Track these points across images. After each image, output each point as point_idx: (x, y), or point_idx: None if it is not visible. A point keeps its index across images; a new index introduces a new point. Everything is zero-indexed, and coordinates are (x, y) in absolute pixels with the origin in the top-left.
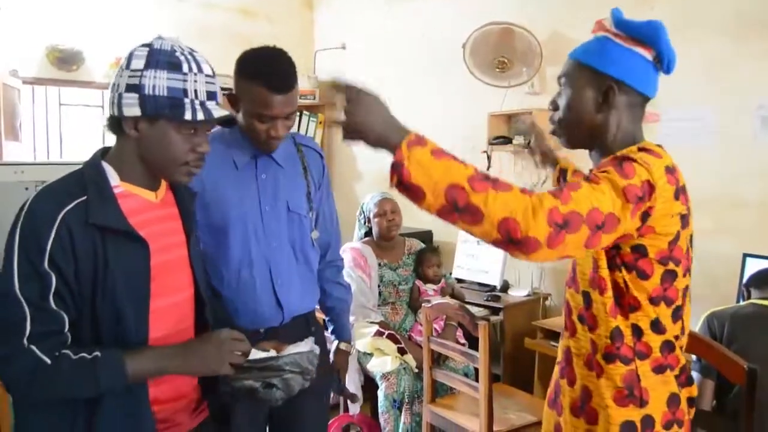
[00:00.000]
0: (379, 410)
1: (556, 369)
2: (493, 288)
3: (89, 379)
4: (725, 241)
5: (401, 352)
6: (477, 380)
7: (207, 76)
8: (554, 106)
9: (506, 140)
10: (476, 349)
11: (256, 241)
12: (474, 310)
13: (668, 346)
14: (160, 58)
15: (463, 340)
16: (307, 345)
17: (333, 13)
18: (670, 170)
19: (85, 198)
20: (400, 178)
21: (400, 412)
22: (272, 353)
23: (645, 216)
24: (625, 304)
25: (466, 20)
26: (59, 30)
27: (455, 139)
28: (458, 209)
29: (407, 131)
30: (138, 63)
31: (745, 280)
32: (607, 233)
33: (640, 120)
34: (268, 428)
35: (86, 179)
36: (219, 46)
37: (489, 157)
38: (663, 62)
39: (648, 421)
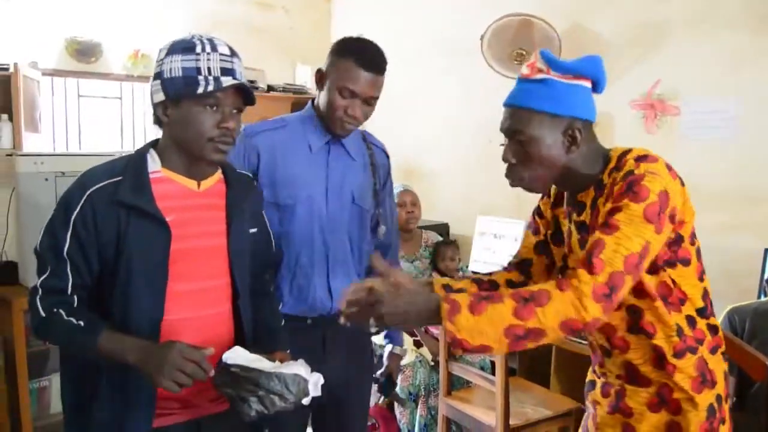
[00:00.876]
0: (395, 403)
1: (618, 382)
2: None
3: (70, 340)
4: (746, 235)
5: (417, 345)
6: (493, 374)
7: (222, 54)
8: (508, 161)
9: None
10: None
11: (318, 226)
12: None
13: (712, 329)
14: (177, 45)
15: None
16: (297, 368)
17: (350, 4)
18: (668, 166)
19: (120, 179)
20: (463, 347)
21: (416, 404)
22: (262, 365)
23: (672, 218)
24: (674, 300)
25: (485, 12)
26: (78, 22)
27: (472, 132)
28: (522, 338)
29: (437, 300)
30: (162, 54)
31: (767, 275)
32: (647, 258)
33: (595, 138)
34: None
35: (129, 163)
36: (236, 37)
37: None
38: (599, 88)
39: (719, 399)
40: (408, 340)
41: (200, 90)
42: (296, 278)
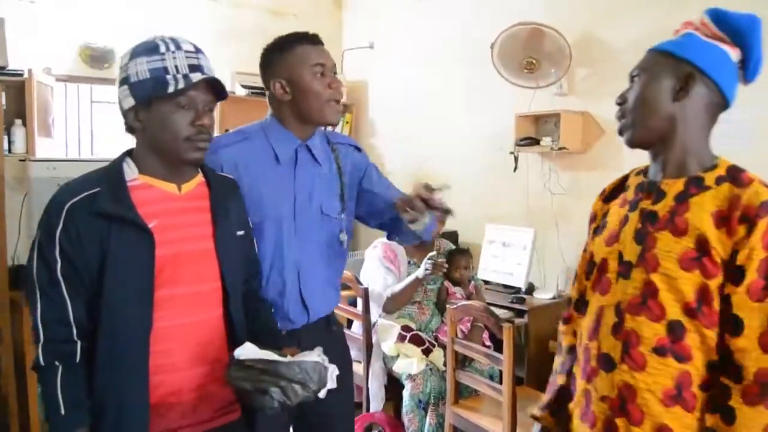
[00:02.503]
0: (404, 410)
1: (601, 407)
2: (518, 290)
3: (48, 411)
4: None
5: (426, 352)
6: (501, 383)
7: (188, 51)
8: (622, 99)
9: (534, 141)
10: (501, 351)
11: (287, 243)
12: (499, 312)
13: None
14: (140, 48)
15: (488, 342)
16: (315, 356)
17: (362, 12)
18: None
19: (97, 190)
20: None
21: (426, 412)
22: (273, 356)
23: None
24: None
25: (495, 20)
26: (92, 29)
27: (482, 140)
28: None
29: None
30: (124, 59)
31: None
32: None
33: (712, 128)
34: (292, 428)
35: (105, 174)
36: (248, 45)
37: (516, 159)
38: (749, 63)
39: None
40: (416, 351)
41: (171, 89)
42: (268, 296)
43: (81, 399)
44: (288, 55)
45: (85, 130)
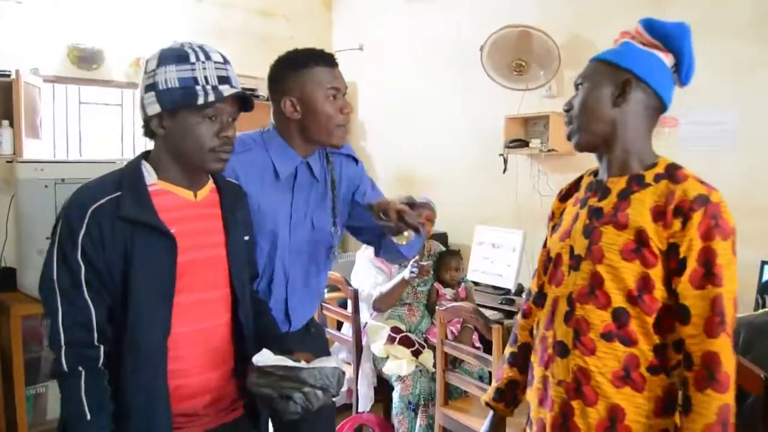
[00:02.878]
0: (393, 411)
1: (558, 391)
2: (507, 291)
3: (70, 418)
4: (743, 248)
5: (416, 354)
6: (491, 384)
7: (217, 62)
8: (569, 106)
9: (523, 143)
10: (490, 352)
11: (280, 257)
12: (488, 313)
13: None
14: (169, 54)
15: (478, 344)
16: (332, 361)
17: (351, 14)
18: None
19: (118, 194)
20: None
21: (415, 414)
22: (303, 364)
23: None
24: (667, 324)
25: (484, 23)
26: (80, 29)
27: (472, 142)
28: None
29: None
30: (151, 64)
31: (759, 287)
32: None
33: (651, 131)
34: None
35: (123, 177)
36: (237, 46)
37: (505, 160)
38: (682, 67)
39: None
40: (406, 353)
41: (201, 101)
42: None
43: (106, 403)
44: (303, 75)
45: (73, 131)
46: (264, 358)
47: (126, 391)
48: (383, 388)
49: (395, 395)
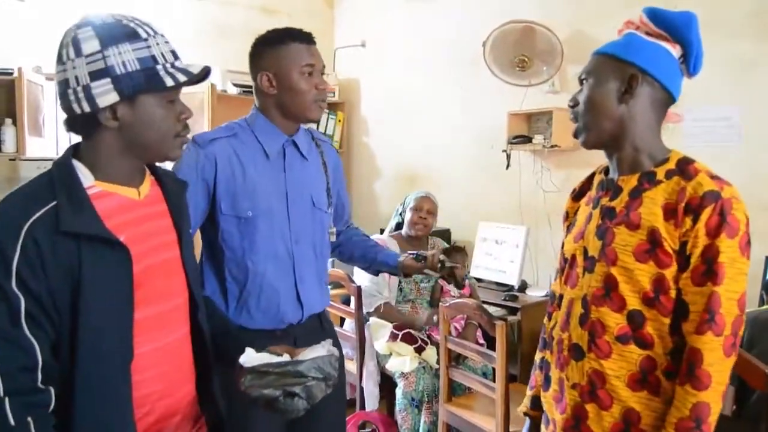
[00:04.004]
0: (397, 408)
1: (572, 394)
2: (510, 288)
3: None
4: None
5: (419, 350)
6: (494, 380)
7: (161, 35)
8: (574, 103)
9: (526, 139)
10: (494, 349)
11: (281, 236)
12: (491, 309)
13: None
14: (113, 32)
15: (481, 340)
16: (325, 348)
17: (353, 10)
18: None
19: (54, 203)
20: None
21: (419, 410)
22: (286, 357)
23: None
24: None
25: (487, 18)
26: None
27: (474, 138)
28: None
29: None
30: (90, 46)
31: (764, 283)
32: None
33: (660, 123)
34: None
35: (54, 182)
36: (239, 43)
37: (508, 157)
38: (690, 58)
39: None
40: (408, 349)
41: (170, 83)
42: (263, 292)
43: None
44: (279, 51)
45: None
46: (250, 358)
47: (83, 428)
48: (386, 384)
49: (398, 392)
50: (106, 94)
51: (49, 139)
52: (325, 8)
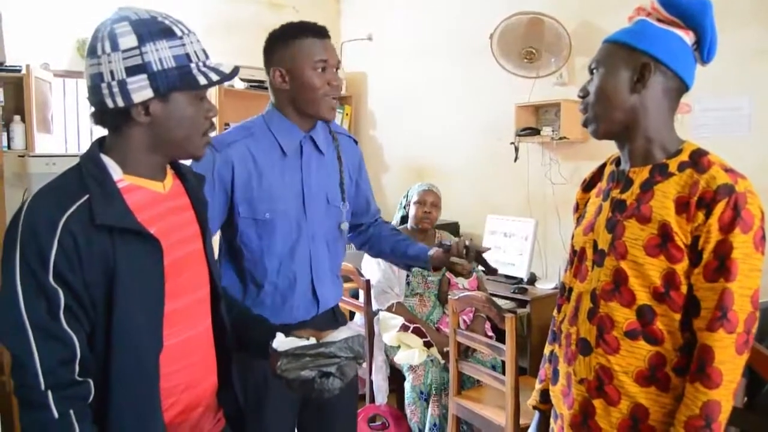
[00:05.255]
0: (406, 401)
1: (579, 389)
2: (520, 280)
3: None
4: None
5: (427, 345)
6: (504, 373)
7: (194, 34)
8: (584, 93)
9: (534, 131)
10: (503, 341)
11: (298, 234)
12: (501, 302)
13: None
14: (151, 28)
15: (490, 333)
16: (351, 329)
17: (360, 4)
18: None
19: (87, 197)
20: None
21: (427, 403)
22: (313, 341)
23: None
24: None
25: (494, 10)
26: (89, 23)
27: (482, 131)
28: None
29: None
30: (128, 41)
31: None
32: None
33: (674, 112)
34: (297, 424)
35: (85, 176)
36: (246, 38)
37: (516, 149)
38: (704, 45)
39: None
40: (418, 342)
41: (203, 81)
42: (278, 290)
43: None
44: (292, 46)
45: (84, 125)
46: (282, 342)
47: (117, 419)
48: (395, 377)
49: (407, 385)
50: (141, 90)
51: (57, 136)
52: (332, 2)
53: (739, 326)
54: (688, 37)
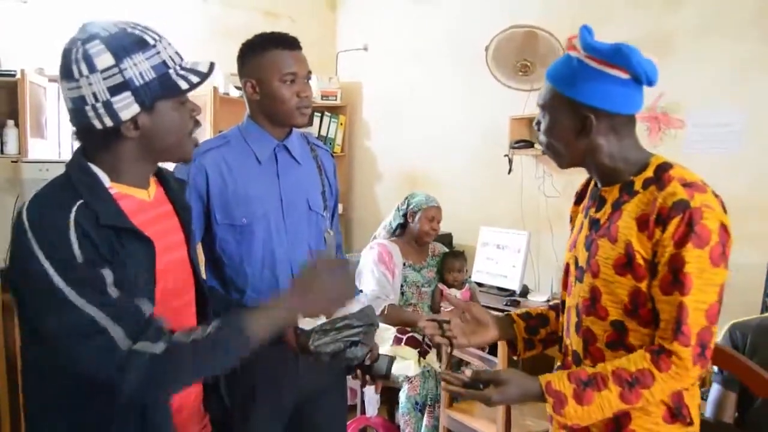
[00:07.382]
0: (400, 412)
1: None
2: (512, 292)
3: (216, 356)
4: (751, 249)
5: (423, 354)
6: None
7: (165, 38)
8: (538, 127)
9: (528, 144)
10: (495, 354)
11: (278, 240)
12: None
13: None
14: (123, 42)
15: None
16: (359, 303)
17: (355, 14)
18: (713, 193)
19: (82, 201)
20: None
21: (422, 414)
22: (323, 319)
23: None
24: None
25: (489, 22)
26: None
27: (476, 142)
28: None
29: (539, 388)
30: (104, 60)
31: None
32: (722, 299)
33: (632, 133)
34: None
35: (76, 183)
36: None
37: (510, 161)
38: (640, 78)
39: None
40: (413, 353)
41: (184, 86)
42: (262, 296)
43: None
44: (261, 57)
45: None
46: (304, 322)
47: (120, 416)
48: (386, 389)
49: (402, 395)
50: (127, 108)
51: (51, 141)
52: (328, 12)
53: (692, 339)
54: (624, 74)
